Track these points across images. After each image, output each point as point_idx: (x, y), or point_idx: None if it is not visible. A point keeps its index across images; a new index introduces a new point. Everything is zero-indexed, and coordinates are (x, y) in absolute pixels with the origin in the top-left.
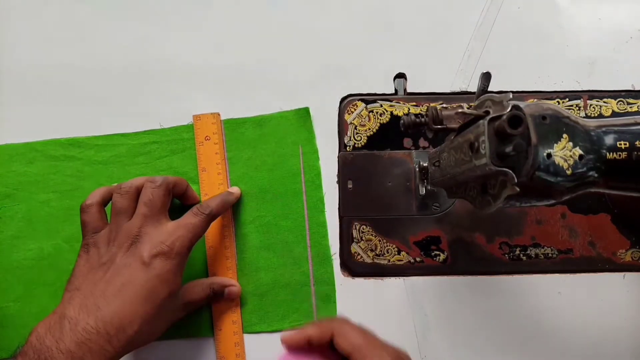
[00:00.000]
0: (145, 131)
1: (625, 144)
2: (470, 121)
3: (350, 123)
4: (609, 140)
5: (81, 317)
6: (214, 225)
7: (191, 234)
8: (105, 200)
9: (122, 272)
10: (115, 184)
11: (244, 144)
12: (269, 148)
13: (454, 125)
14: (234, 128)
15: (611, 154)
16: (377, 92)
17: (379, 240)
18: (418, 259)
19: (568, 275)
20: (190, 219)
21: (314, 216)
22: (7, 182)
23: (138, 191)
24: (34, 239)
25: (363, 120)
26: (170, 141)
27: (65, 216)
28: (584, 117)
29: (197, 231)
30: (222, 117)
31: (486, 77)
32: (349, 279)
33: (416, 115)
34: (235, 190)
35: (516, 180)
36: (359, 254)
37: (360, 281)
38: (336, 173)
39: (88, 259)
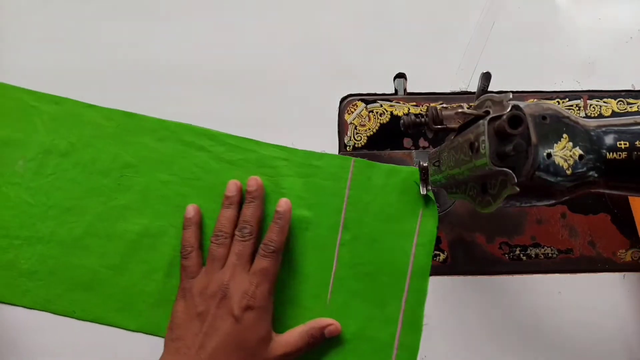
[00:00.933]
0: (279, 145)
1: (625, 144)
2: (470, 121)
3: (350, 123)
4: (609, 140)
5: None
6: None
7: (266, 279)
8: (199, 241)
9: (217, 325)
10: (194, 218)
11: (368, 187)
12: (391, 199)
13: (454, 125)
14: (362, 170)
15: (611, 154)
16: (377, 92)
17: None
18: None
19: (568, 275)
20: (261, 263)
21: (416, 280)
22: (133, 152)
23: (231, 237)
24: (143, 215)
25: (363, 120)
26: (300, 164)
27: (179, 202)
28: (584, 117)
29: (271, 273)
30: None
31: (486, 77)
32: None
33: (416, 115)
34: (282, 207)
35: (516, 180)
36: None
37: None
38: None
39: (186, 307)
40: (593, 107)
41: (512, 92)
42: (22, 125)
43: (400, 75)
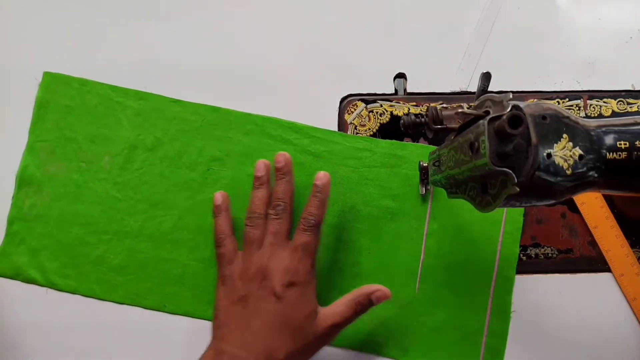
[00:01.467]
0: (363, 137)
1: (625, 144)
2: (470, 121)
3: (350, 123)
4: (609, 140)
5: (235, 351)
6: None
7: (308, 253)
8: (232, 227)
9: (260, 306)
10: (224, 205)
11: None
12: None
13: (454, 125)
14: None
15: (611, 154)
16: (377, 92)
17: None
18: None
19: (568, 275)
20: (301, 238)
21: (503, 269)
22: (220, 146)
23: (265, 217)
24: (231, 209)
25: (363, 120)
26: (384, 154)
27: None
28: (584, 117)
29: (312, 247)
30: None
31: (486, 77)
32: None
33: (416, 115)
34: (321, 180)
35: (516, 180)
36: None
37: None
38: None
39: (226, 293)
40: (593, 107)
41: (512, 92)
42: (108, 122)
43: (400, 75)
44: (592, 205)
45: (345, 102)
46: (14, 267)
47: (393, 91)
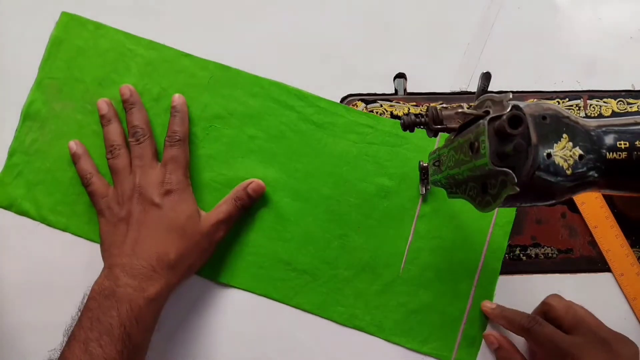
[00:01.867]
0: (366, 113)
1: (625, 144)
2: (470, 121)
3: None
4: (609, 140)
5: (126, 260)
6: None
7: (178, 165)
8: (95, 167)
9: (142, 219)
10: (81, 149)
11: None
12: None
13: (454, 125)
14: None
15: (611, 153)
16: (377, 92)
17: None
18: None
19: (568, 275)
20: (169, 152)
21: (490, 260)
22: (225, 105)
23: (125, 146)
24: (228, 167)
25: None
26: (386, 132)
27: (264, 158)
28: (584, 117)
29: (181, 159)
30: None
31: (486, 77)
32: None
33: (416, 115)
34: (177, 101)
35: (516, 180)
36: None
37: None
38: None
39: (107, 220)
40: (593, 107)
41: (512, 92)
42: (117, 67)
43: (400, 75)
44: (592, 205)
45: (345, 102)
46: (8, 198)
47: (393, 91)
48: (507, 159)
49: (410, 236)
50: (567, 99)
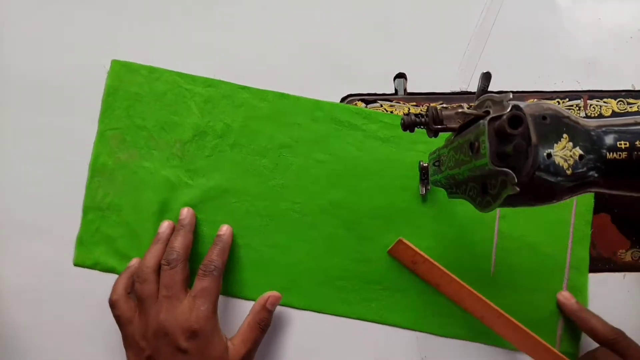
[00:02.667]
0: None
1: (625, 144)
2: (470, 121)
3: None
4: (609, 140)
5: None
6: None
7: (209, 299)
8: (128, 288)
9: None
10: (133, 266)
11: None
12: None
13: (454, 125)
14: None
15: (611, 154)
16: (377, 92)
17: None
18: None
19: None
20: (201, 284)
21: (578, 249)
22: (290, 133)
23: (156, 271)
24: (301, 194)
25: None
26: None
27: (335, 180)
28: (584, 117)
29: (212, 292)
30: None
31: (486, 77)
32: None
33: (416, 115)
34: (224, 232)
35: (516, 180)
36: None
37: None
38: None
39: (134, 355)
40: (593, 107)
41: (512, 92)
42: (177, 109)
43: (400, 75)
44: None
45: (345, 102)
46: (92, 257)
47: (393, 91)
48: (507, 159)
49: (494, 237)
50: (567, 99)
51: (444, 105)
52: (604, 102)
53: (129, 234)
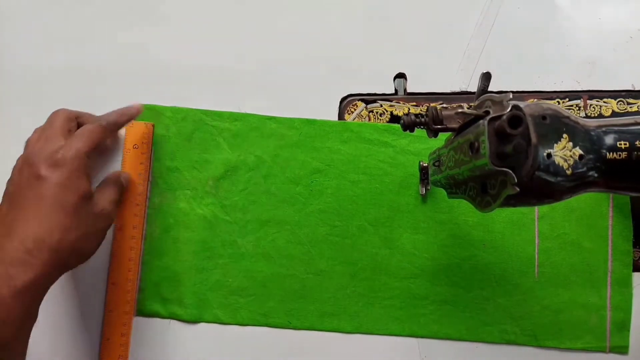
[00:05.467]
0: None
1: (625, 144)
2: (470, 121)
3: None
4: (609, 140)
5: (1, 242)
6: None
7: (85, 140)
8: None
9: (24, 193)
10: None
11: None
12: None
13: (454, 125)
14: None
15: (611, 154)
16: (377, 92)
17: None
18: None
19: None
20: (84, 128)
21: (618, 242)
22: (321, 157)
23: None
24: (339, 217)
25: (363, 120)
26: None
27: (372, 199)
28: (584, 117)
29: (92, 137)
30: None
31: (486, 77)
32: None
33: (416, 115)
34: (135, 104)
35: (516, 180)
36: None
37: None
38: None
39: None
40: (593, 107)
41: (512, 92)
42: (206, 146)
43: (400, 75)
44: None
45: (345, 102)
46: (134, 304)
47: (393, 91)
48: (507, 159)
49: (536, 239)
50: (567, 99)
51: (444, 105)
52: (604, 102)
53: (170, 276)
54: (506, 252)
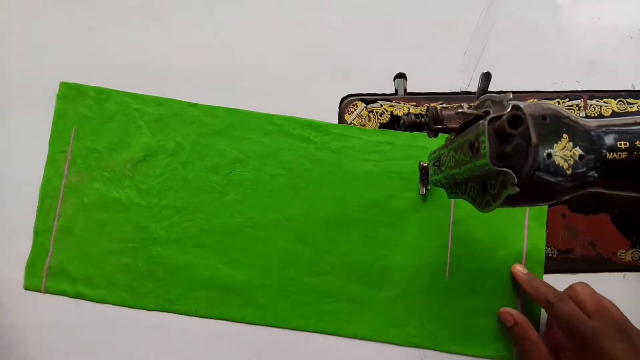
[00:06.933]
0: (382, 130)
1: (625, 144)
2: (470, 121)
3: (351, 123)
4: (609, 140)
5: None
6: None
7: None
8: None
9: None
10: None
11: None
12: None
13: (454, 125)
14: None
15: (611, 154)
16: (377, 92)
17: None
18: None
19: (568, 275)
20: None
21: (533, 252)
22: (241, 148)
23: None
24: (255, 209)
25: (363, 120)
26: (405, 146)
27: (289, 194)
28: (584, 117)
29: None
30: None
31: (486, 77)
32: None
33: (416, 115)
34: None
35: (516, 180)
36: None
37: None
38: None
39: None
40: (593, 107)
41: (512, 92)
42: (127, 129)
43: (400, 75)
44: None
45: (345, 102)
46: (42, 282)
47: (393, 91)
48: (507, 159)
49: (449, 244)
50: (567, 99)
51: (444, 105)
52: (604, 102)
53: (80, 256)
54: (419, 255)
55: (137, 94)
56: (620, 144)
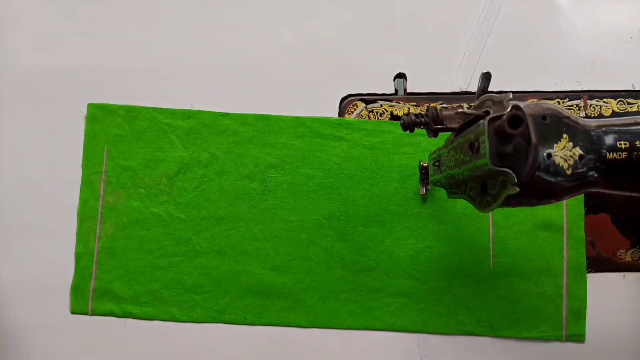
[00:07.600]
0: None
1: (625, 144)
2: (470, 121)
3: None
4: (609, 140)
5: None
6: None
7: None
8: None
9: None
10: None
11: None
12: None
13: (454, 125)
14: None
15: (611, 154)
16: (377, 92)
17: None
18: None
19: None
20: None
21: (573, 230)
22: (275, 153)
23: None
24: (294, 212)
25: (363, 120)
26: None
27: (327, 194)
28: (584, 117)
29: None
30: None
31: (486, 77)
32: None
33: (416, 115)
34: None
35: (516, 180)
36: None
37: None
38: None
39: None
40: (593, 107)
41: (512, 92)
42: (160, 144)
43: (400, 75)
44: None
45: (345, 102)
46: (88, 304)
47: (393, 91)
48: (507, 159)
49: (490, 229)
50: (567, 99)
51: (444, 105)
52: (604, 102)
53: (124, 275)
54: (461, 243)
55: (165, 109)
56: (620, 144)
